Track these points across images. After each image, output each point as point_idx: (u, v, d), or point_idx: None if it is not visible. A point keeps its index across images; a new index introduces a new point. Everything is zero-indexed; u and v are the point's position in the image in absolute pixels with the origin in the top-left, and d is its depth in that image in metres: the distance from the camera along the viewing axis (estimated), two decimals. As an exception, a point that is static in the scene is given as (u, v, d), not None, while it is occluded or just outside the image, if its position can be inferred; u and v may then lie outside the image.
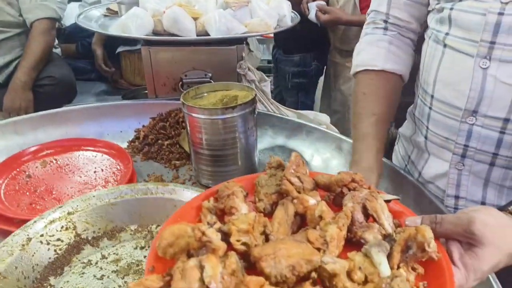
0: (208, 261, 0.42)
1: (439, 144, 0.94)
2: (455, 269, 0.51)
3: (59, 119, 1.29)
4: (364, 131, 0.90)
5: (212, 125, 1.01)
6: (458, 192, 0.92)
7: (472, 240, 0.52)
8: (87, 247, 0.81)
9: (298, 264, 0.43)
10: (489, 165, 0.86)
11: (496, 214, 0.54)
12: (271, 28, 1.41)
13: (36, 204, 0.95)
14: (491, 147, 0.83)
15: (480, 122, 0.82)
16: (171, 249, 0.46)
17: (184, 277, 0.41)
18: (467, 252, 0.52)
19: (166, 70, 1.37)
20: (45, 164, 1.10)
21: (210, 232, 0.45)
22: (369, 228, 0.52)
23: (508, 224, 0.54)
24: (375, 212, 0.53)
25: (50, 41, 2.13)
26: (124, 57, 2.54)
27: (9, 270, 0.70)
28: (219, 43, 1.36)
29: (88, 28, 1.42)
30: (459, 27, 0.82)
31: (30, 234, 0.76)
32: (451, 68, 0.86)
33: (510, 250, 0.52)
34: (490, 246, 0.51)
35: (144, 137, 1.24)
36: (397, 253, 0.47)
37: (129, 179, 1.02)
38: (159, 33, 1.36)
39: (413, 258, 0.48)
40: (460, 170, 0.90)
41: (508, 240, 0.52)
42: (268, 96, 1.55)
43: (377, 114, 0.91)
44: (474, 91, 0.81)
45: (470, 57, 0.80)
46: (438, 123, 0.92)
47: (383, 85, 0.96)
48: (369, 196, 0.54)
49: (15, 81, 2.02)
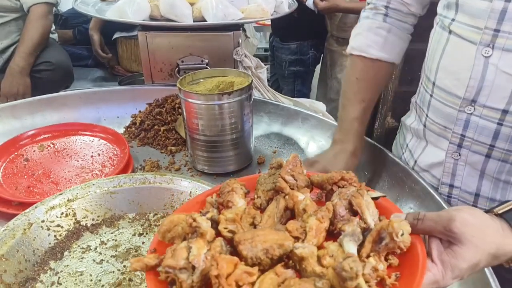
0: (195, 243, 0.48)
1: (437, 132, 0.93)
2: (432, 265, 0.51)
3: (56, 103, 1.30)
4: (352, 115, 0.97)
5: (208, 110, 1.02)
6: (453, 181, 0.92)
7: (451, 238, 0.52)
8: (86, 233, 0.83)
9: (271, 248, 0.47)
10: (485, 156, 0.84)
11: (478, 214, 0.54)
12: (268, 14, 1.41)
13: (34, 187, 0.97)
14: (488, 138, 0.82)
15: (478, 112, 0.81)
16: (169, 234, 0.53)
17: (173, 256, 0.47)
18: (446, 249, 0.52)
19: (163, 56, 1.38)
20: (43, 148, 1.11)
21: (200, 219, 0.50)
22: (350, 221, 0.53)
23: (489, 225, 0.54)
24: (360, 208, 0.55)
25: (47, 26, 2.13)
26: (120, 43, 2.53)
27: (11, 253, 0.72)
28: (216, 29, 1.36)
29: (85, 12, 1.42)
30: (465, 13, 0.81)
31: (31, 219, 0.78)
32: (453, 55, 0.85)
33: (491, 250, 0.52)
34: (469, 245, 0.51)
35: (141, 122, 1.25)
36: (368, 242, 0.50)
37: (125, 164, 1.03)
38: (156, 18, 1.36)
39: (385, 249, 0.49)
40: (456, 160, 0.89)
41: (488, 240, 0.52)
42: (264, 83, 1.55)
43: (366, 101, 0.97)
44: (474, 80, 0.79)
45: (473, 44, 0.79)
46: (437, 111, 0.91)
47: (376, 74, 0.99)
48: (355, 193, 0.56)
49: (12, 66, 2.02)
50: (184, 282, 0.46)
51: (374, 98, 1.00)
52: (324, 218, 0.53)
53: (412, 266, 0.49)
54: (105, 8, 1.51)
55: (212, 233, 0.50)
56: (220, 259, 0.45)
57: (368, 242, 0.50)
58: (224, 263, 0.45)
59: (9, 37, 2.13)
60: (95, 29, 2.51)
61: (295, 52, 2.53)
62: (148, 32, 1.34)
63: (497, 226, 0.54)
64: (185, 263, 0.46)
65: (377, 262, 0.48)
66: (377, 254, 0.49)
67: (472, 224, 0.52)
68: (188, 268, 0.47)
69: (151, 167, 1.10)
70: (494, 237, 0.53)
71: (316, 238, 0.51)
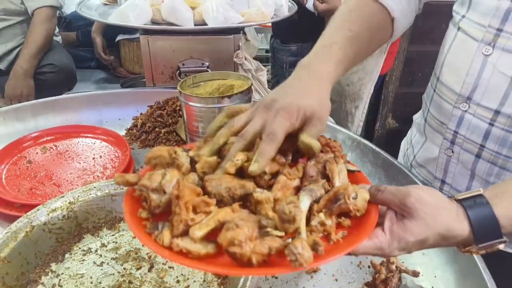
0: (170, 171, 0.55)
1: (434, 127, 0.94)
2: (382, 234, 0.54)
3: (59, 106, 1.32)
4: (334, 39, 0.75)
5: (208, 113, 1.03)
6: (445, 177, 0.93)
7: (405, 212, 0.54)
8: (87, 235, 0.85)
9: (233, 187, 0.52)
10: (475, 156, 0.85)
11: (436, 195, 0.56)
12: (268, 18, 1.42)
13: (36, 189, 0.98)
14: (479, 137, 0.82)
15: (472, 110, 0.82)
16: (154, 160, 0.58)
17: (149, 179, 0.54)
18: (398, 222, 0.54)
19: (164, 59, 1.39)
20: (45, 150, 1.12)
21: (180, 153, 0.57)
22: (316, 182, 0.57)
23: (443, 206, 0.55)
24: (331, 173, 0.58)
25: (51, 29, 2.15)
26: (123, 46, 2.55)
27: (13, 255, 0.73)
28: (216, 33, 1.38)
29: (88, 16, 1.43)
30: (476, 11, 0.80)
31: (33, 221, 0.79)
32: (458, 51, 0.85)
33: (441, 230, 0.53)
34: (419, 221, 0.53)
35: (142, 124, 1.26)
36: (323, 200, 0.54)
37: (126, 166, 1.05)
38: (158, 22, 1.37)
39: (338, 209, 0.53)
40: (449, 157, 0.90)
41: (439, 220, 0.53)
42: (264, 86, 1.56)
43: (354, 32, 0.77)
44: (470, 77, 0.80)
45: (476, 41, 0.79)
46: (437, 106, 0.92)
47: (373, 14, 0.84)
48: (331, 159, 0.59)
49: (16, 69, 2.05)
50: (154, 201, 0.52)
51: (366, 39, 0.80)
52: (291, 175, 0.57)
53: (361, 229, 0.53)
54: (107, 11, 1.52)
55: (188, 168, 0.57)
56: (183, 185, 0.50)
57: (323, 199, 0.54)
58: (186, 189, 0.49)
59: (13, 39, 2.16)
60: (98, 32, 2.53)
61: (295, 53, 2.53)
62: (150, 35, 1.36)
63: (452, 209, 0.55)
64: (158, 185, 0.53)
65: (326, 218, 0.53)
66: (329, 211, 0.53)
67: (427, 202, 0.54)
68: (159, 190, 0.53)
69: (152, 169, 1.11)
70: (446, 218, 0.54)
71: (280, 191, 0.55)
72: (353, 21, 0.80)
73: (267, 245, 0.46)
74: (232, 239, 0.45)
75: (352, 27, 0.78)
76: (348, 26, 0.78)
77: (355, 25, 0.79)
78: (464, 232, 0.54)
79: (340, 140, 1.21)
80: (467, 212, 0.55)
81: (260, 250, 0.45)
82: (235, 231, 0.45)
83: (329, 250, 0.50)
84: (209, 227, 0.48)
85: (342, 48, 0.74)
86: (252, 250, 0.45)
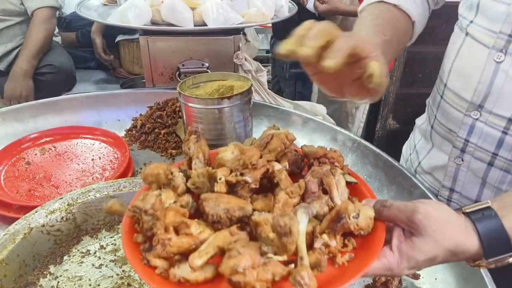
0: (166, 192, 0.53)
1: (442, 135, 0.92)
2: (390, 253, 0.52)
3: (58, 107, 1.31)
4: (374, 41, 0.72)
5: (208, 114, 1.02)
6: (454, 185, 0.91)
7: (412, 229, 0.52)
8: (86, 237, 0.84)
9: (232, 209, 0.51)
10: (488, 164, 0.83)
11: (443, 209, 0.54)
12: (268, 19, 1.42)
13: (35, 190, 0.98)
14: (492, 146, 0.80)
15: (484, 118, 0.79)
16: (150, 177, 0.56)
17: (143, 199, 0.51)
18: (406, 240, 0.53)
19: (164, 60, 1.39)
20: (44, 151, 1.12)
21: (176, 173, 0.56)
22: (319, 198, 0.55)
23: (451, 221, 0.53)
24: (329, 187, 0.56)
25: (50, 30, 2.15)
26: (123, 46, 2.55)
27: (11, 257, 0.73)
28: (216, 33, 1.37)
29: (87, 17, 1.43)
30: (484, 16, 0.79)
31: (32, 223, 0.79)
32: (466, 57, 0.84)
33: (449, 246, 0.52)
34: (428, 238, 0.51)
35: (141, 125, 1.26)
36: (325, 220, 0.52)
37: (125, 168, 1.04)
38: (157, 22, 1.37)
39: (342, 229, 0.51)
40: (459, 165, 0.88)
41: (448, 235, 0.52)
42: (264, 86, 1.56)
43: (388, 36, 0.77)
44: (482, 85, 0.78)
45: (486, 48, 0.77)
46: (445, 113, 0.90)
47: (397, 18, 0.86)
48: (327, 172, 0.58)
49: (16, 69, 2.05)
50: (146, 223, 0.50)
51: (393, 43, 0.79)
52: (293, 193, 0.55)
53: (368, 250, 0.51)
54: (107, 12, 1.52)
55: (183, 189, 0.55)
56: (162, 206, 0.49)
57: (325, 220, 0.52)
58: (168, 211, 0.49)
59: (13, 40, 2.16)
60: (97, 33, 2.53)
61: (296, 54, 2.53)
62: (150, 36, 1.35)
63: (460, 223, 0.54)
64: (150, 207, 0.51)
65: (330, 238, 0.50)
66: (332, 232, 0.51)
67: (435, 218, 0.52)
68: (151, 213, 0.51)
69: (151, 171, 1.10)
70: (454, 233, 0.52)
71: (281, 211, 0.53)
72: (384, 26, 0.80)
73: (270, 272, 0.44)
74: (235, 268, 0.43)
75: (385, 32, 0.78)
76: (382, 30, 0.78)
77: (387, 30, 0.79)
78: (473, 247, 0.52)
79: (340, 142, 1.21)
80: (476, 225, 0.53)
81: (264, 277, 0.44)
82: (237, 258, 0.44)
83: (337, 276, 0.48)
84: (209, 254, 0.47)
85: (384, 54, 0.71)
86: (256, 278, 0.43)
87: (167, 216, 0.48)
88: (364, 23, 0.81)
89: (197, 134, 0.63)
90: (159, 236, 0.47)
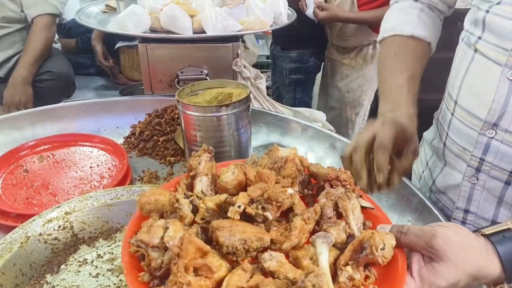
0: (173, 224, 0.47)
1: (456, 153, 0.90)
2: (411, 280, 0.51)
3: (57, 114, 1.31)
4: (399, 83, 0.87)
5: (206, 122, 1.02)
6: (469, 206, 0.88)
7: (432, 254, 0.51)
8: (83, 246, 0.84)
9: (249, 240, 0.47)
10: (505, 183, 0.80)
11: (463, 233, 0.53)
12: (267, 26, 1.42)
13: (33, 198, 0.97)
14: (509, 165, 0.77)
15: (499, 136, 0.77)
16: (148, 206, 0.52)
17: (149, 232, 0.46)
18: (426, 265, 0.52)
19: (163, 67, 1.39)
20: (42, 159, 1.12)
21: (183, 201, 0.51)
22: (336, 224, 0.53)
23: (472, 245, 0.52)
24: (345, 211, 0.55)
25: (50, 37, 2.15)
26: (123, 52, 2.55)
27: (7, 267, 0.72)
28: (215, 41, 1.37)
29: (87, 25, 1.43)
30: (492, 33, 0.77)
31: (29, 232, 0.78)
32: (478, 75, 0.82)
33: (471, 271, 0.51)
34: (449, 263, 0.50)
35: (140, 133, 1.26)
36: (348, 251, 0.50)
37: (123, 175, 1.04)
38: (156, 30, 1.37)
39: (365, 259, 0.49)
40: (474, 184, 0.85)
41: (469, 259, 0.51)
42: (263, 93, 1.56)
43: (411, 71, 0.89)
44: (497, 103, 0.76)
45: (499, 66, 0.75)
46: (457, 131, 0.88)
47: (414, 47, 0.95)
48: (342, 195, 0.56)
49: (15, 76, 2.05)
50: (154, 261, 0.45)
51: (419, 72, 0.92)
52: (310, 219, 0.53)
53: (391, 280, 0.50)
54: (106, 19, 1.52)
55: (191, 218, 0.51)
56: (188, 241, 0.43)
57: (348, 250, 0.50)
58: (190, 245, 0.43)
59: (13, 47, 2.16)
60: (98, 40, 2.54)
61: (295, 60, 2.53)
62: (148, 43, 1.35)
63: (481, 246, 0.53)
64: (159, 242, 0.46)
65: (354, 271, 0.48)
66: (355, 263, 0.49)
67: (455, 242, 0.51)
68: (160, 247, 0.46)
69: (150, 178, 1.10)
70: (476, 257, 0.52)
71: (298, 238, 0.51)
72: (404, 63, 0.91)
73: None
74: None
75: (407, 68, 0.90)
76: (404, 67, 0.90)
77: (410, 65, 0.91)
78: (495, 271, 0.52)
79: (339, 149, 1.21)
80: (496, 248, 0.52)
81: None
82: None
83: None
84: None
85: (408, 89, 0.86)
86: None
87: (189, 253, 0.43)
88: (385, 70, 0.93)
89: (212, 154, 0.61)
90: (178, 278, 0.42)
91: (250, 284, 0.43)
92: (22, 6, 2.10)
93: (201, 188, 0.57)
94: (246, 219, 0.51)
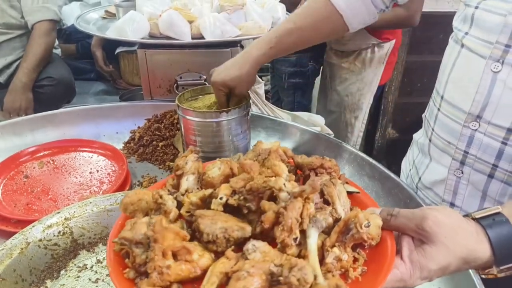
0: (157, 219, 0.47)
1: (441, 148, 0.91)
2: (401, 263, 0.50)
3: (57, 120, 1.32)
4: (275, 31, 1.00)
5: (205, 127, 1.03)
6: (454, 200, 0.90)
7: (423, 237, 0.51)
8: (83, 252, 0.84)
9: (230, 228, 0.47)
10: (488, 176, 0.82)
11: (453, 216, 0.53)
12: (265, 31, 1.43)
13: (33, 204, 0.98)
14: (491, 157, 0.79)
15: (483, 128, 0.79)
16: (131, 206, 0.52)
17: (132, 229, 0.46)
18: (417, 248, 0.51)
19: (162, 72, 1.40)
20: (42, 165, 1.12)
21: (166, 197, 0.51)
22: (322, 209, 0.53)
23: (463, 227, 0.52)
24: (331, 197, 0.54)
25: (50, 43, 2.17)
26: (122, 58, 2.57)
27: (7, 272, 0.73)
28: (214, 46, 1.38)
29: (87, 31, 1.44)
30: (479, 28, 0.80)
31: (29, 238, 0.79)
32: (463, 69, 0.84)
33: (462, 254, 0.50)
34: (440, 246, 0.50)
35: (139, 138, 1.26)
36: (334, 233, 0.49)
37: (123, 181, 1.04)
38: (155, 36, 1.38)
39: (352, 240, 0.49)
40: (459, 178, 0.87)
41: (460, 242, 0.50)
42: (262, 98, 1.57)
43: (298, 24, 0.98)
44: (480, 95, 0.78)
45: (483, 59, 0.77)
46: (443, 125, 0.89)
47: (319, 7, 0.98)
48: (327, 182, 0.56)
49: (15, 82, 2.06)
50: (138, 257, 0.45)
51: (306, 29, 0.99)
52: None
53: (379, 262, 0.49)
54: (106, 25, 1.53)
55: (176, 213, 0.51)
56: (163, 226, 0.44)
57: (334, 232, 0.50)
58: (167, 232, 0.43)
59: (13, 53, 2.17)
60: (97, 46, 2.55)
61: (294, 64, 2.54)
62: (147, 49, 1.36)
63: (471, 229, 0.52)
64: (142, 238, 0.45)
65: (342, 252, 0.48)
66: (342, 244, 0.49)
67: (445, 225, 0.51)
68: (144, 243, 0.45)
69: (149, 183, 1.11)
70: (466, 240, 0.51)
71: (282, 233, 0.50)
72: (299, 15, 1.00)
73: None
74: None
75: (296, 20, 0.99)
76: (294, 19, 1.00)
77: (300, 18, 0.99)
78: (485, 254, 0.51)
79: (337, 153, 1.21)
80: (487, 231, 0.52)
81: None
82: (247, 279, 0.41)
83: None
84: (214, 284, 0.43)
85: (279, 37, 0.98)
86: None
87: (166, 238, 0.43)
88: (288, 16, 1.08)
89: (198, 155, 0.61)
90: (156, 262, 0.43)
91: (234, 269, 0.43)
92: (22, 13, 2.11)
93: (187, 186, 0.57)
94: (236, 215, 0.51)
